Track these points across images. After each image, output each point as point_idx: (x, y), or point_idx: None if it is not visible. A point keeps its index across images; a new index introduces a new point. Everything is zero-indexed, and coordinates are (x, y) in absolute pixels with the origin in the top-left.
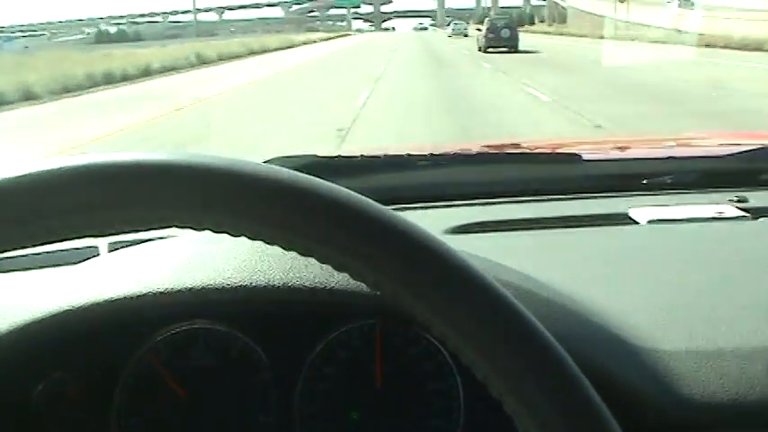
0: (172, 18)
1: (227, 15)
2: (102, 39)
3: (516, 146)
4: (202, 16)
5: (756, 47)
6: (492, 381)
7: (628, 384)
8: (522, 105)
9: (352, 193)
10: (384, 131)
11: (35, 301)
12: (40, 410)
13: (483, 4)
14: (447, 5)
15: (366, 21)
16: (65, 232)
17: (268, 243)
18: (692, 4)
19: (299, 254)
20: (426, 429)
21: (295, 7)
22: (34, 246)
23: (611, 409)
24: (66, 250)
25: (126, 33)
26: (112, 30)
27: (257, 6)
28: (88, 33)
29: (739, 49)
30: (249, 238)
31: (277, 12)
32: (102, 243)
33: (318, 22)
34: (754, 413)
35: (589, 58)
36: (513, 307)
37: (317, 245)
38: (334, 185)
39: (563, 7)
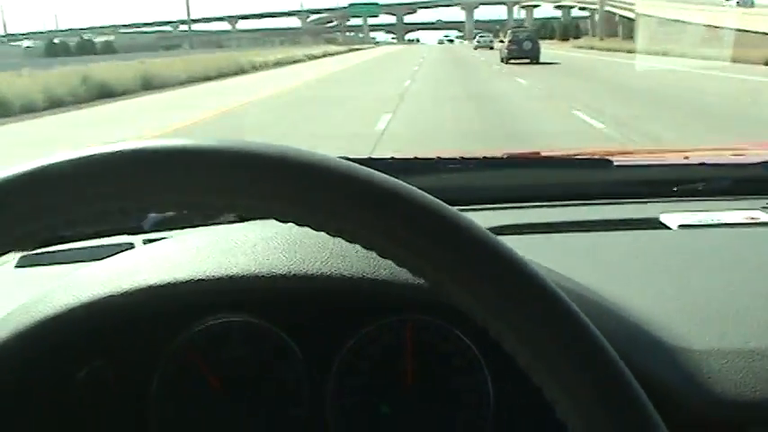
0: (183, 27)
1: (242, 25)
2: (55, 51)
3: (540, 153)
4: (215, 26)
5: None
6: (535, 370)
7: (660, 382)
8: None
9: (410, 187)
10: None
11: (77, 290)
12: (81, 397)
13: (515, 16)
14: (476, 17)
15: (388, 32)
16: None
17: (322, 231)
18: None
19: (356, 243)
20: (456, 424)
21: (313, 17)
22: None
23: None
24: (104, 246)
25: (89, 45)
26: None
27: (272, 16)
28: (28, 47)
29: None
30: (310, 226)
31: (294, 22)
32: (137, 239)
33: (338, 33)
34: None
35: None
36: (565, 304)
37: (385, 240)
38: (399, 181)
39: (624, 17)
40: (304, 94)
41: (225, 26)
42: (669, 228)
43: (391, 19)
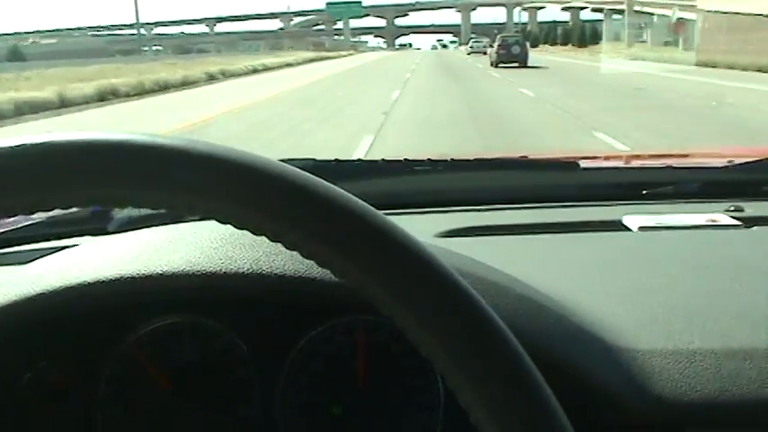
0: (159, 30)
1: (222, 27)
2: None
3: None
4: (193, 28)
5: None
6: (438, 364)
7: (600, 382)
8: None
9: (327, 183)
10: None
11: (18, 288)
12: (27, 400)
13: (516, 19)
14: (474, 20)
15: (378, 36)
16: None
17: (234, 225)
18: None
19: (268, 238)
20: (407, 425)
21: (297, 19)
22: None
23: (583, 406)
24: (64, 248)
25: None
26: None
27: (253, 18)
28: None
29: None
30: (216, 219)
31: (278, 24)
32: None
33: (324, 37)
34: (726, 413)
35: None
36: (463, 290)
37: (285, 228)
38: (310, 176)
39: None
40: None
41: (203, 29)
42: (630, 230)
43: (381, 22)
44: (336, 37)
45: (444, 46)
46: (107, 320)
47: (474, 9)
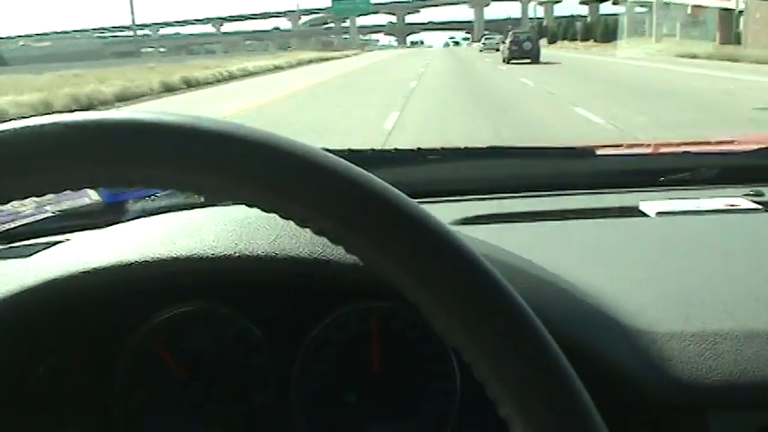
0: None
1: (229, 27)
2: None
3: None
4: (197, 28)
5: None
6: (466, 352)
7: (620, 365)
8: None
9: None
10: None
11: (30, 277)
12: (42, 392)
13: (531, 13)
14: (487, 15)
15: (388, 34)
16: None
17: (260, 208)
18: None
19: (287, 218)
20: (423, 411)
21: (306, 18)
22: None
23: (603, 389)
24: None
25: None
26: None
27: (260, 17)
28: None
29: None
30: (233, 199)
31: (286, 23)
32: None
33: (333, 36)
34: (746, 395)
35: None
36: (491, 277)
37: (304, 208)
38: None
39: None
40: None
41: (209, 29)
42: (648, 215)
43: (391, 19)
44: (345, 36)
45: (456, 43)
46: (121, 310)
47: (487, 5)
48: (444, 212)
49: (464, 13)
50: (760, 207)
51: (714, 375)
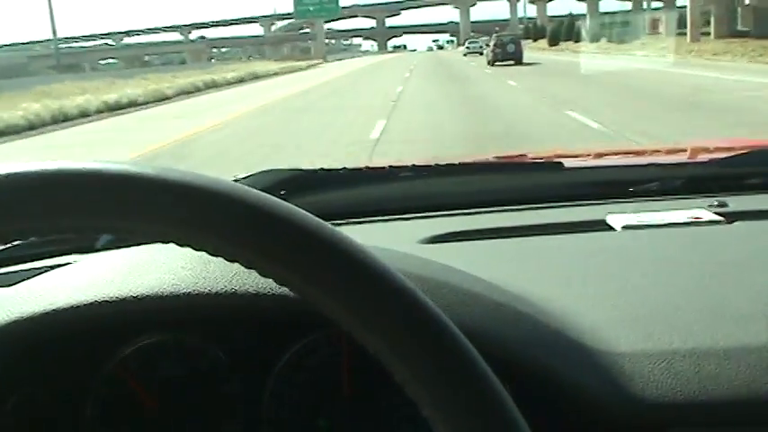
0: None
1: (198, 34)
2: None
3: (501, 158)
4: (167, 36)
5: None
6: (394, 370)
7: (581, 386)
8: None
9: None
10: None
11: (2, 313)
12: (13, 425)
13: (521, 13)
14: (473, 16)
15: (368, 39)
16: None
17: (177, 244)
18: None
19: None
20: None
21: (280, 23)
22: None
23: (564, 410)
24: (52, 267)
25: None
26: None
27: (230, 23)
28: None
29: None
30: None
31: (256, 29)
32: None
33: (310, 42)
34: (708, 412)
35: None
36: (421, 304)
37: (233, 248)
38: (247, 188)
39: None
40: None
41: (176, 36)
42: (614, 229)
43: (371, 23)
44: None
45: (440, 47)
46: (91, 342)
47: (473, 4)
48: (414, 230)
49: (449, 14)
50: (722, 219)
51: (675, 394)
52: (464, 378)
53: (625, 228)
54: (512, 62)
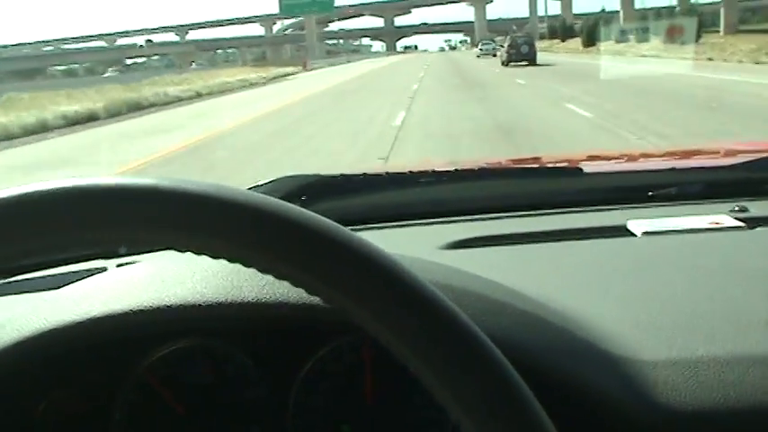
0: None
1: (195, 35)
2: None
3: (519, 162)
4: (164, 37)
5: None
6: (429, 384)
7: (604, 394)
8: None
9: (294, 207)
10: None
11: (32, 318)
12: (43, 429)
13: (540, 11)
14: (490, 14)
15: (375, 39)
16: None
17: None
18: None
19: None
20: None
21: (282, 23)
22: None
23: (587, 418)
24: (76, 272)
25: None
26: None
27: (228, 23)
28: None
29: None
30: (196, 252)
31: (257, 29)
32: (111, 264)
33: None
34: (731, 421)
35: None
36: (451, 312)
37: (258, 255)
38: (287, 204)
39: None
40: None
41: (172, 37)
42: (635, 235)
43: (378, 22)
44: (330, 41)
45: (453, 47)
46: (121, 348)
47: (490, 1)
48: (435, 236)
49: (463, 12)
50: (743, 225)
51: (699, 402)
52: (494, 384)
53: (645, 234)
54: (525, 62)
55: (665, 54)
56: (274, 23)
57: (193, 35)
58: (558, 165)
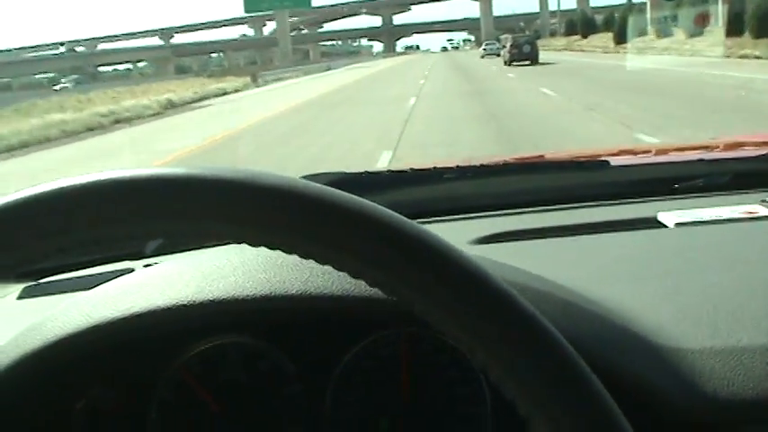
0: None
1: (181, 39)
2: None
3: (542, 157)
4: (146, 41)
5: None
6: (503, 383)
7: (650, 384)
8: None
9: (369, 202)
10: None
11: (71, 317)
12: (80, 426)
13: (552, 6)
14: (497, 11)
15: (373, 39)
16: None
17: (286, 252)
18: None
19: (318, 262)
20: None
21: (272, 24)
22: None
23: (634, 408)
24: (104, 273)
25: None
26: None
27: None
28: None
29: None
30: (267, 246)
31: (245, 30)
32: (138, 265)
33: (311, 45)
34: None
35: None
36: (522, 307)
37: (336, 253)
38: (353, 196)
39: None
40: None
41: (155, 41)
42: (666, 226)
43: (376, 21)
44: (327, 43)
45: (455, 47)
46: (157, 345)
47: None
48: (462, 232)
49: (467, 8)
50: None
51: (746, 391)
52: (566, 377)
53: (678, 225)
54: (527, 62)
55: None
56: (264, 25)
57: (181, 39)
58: (583, 158)
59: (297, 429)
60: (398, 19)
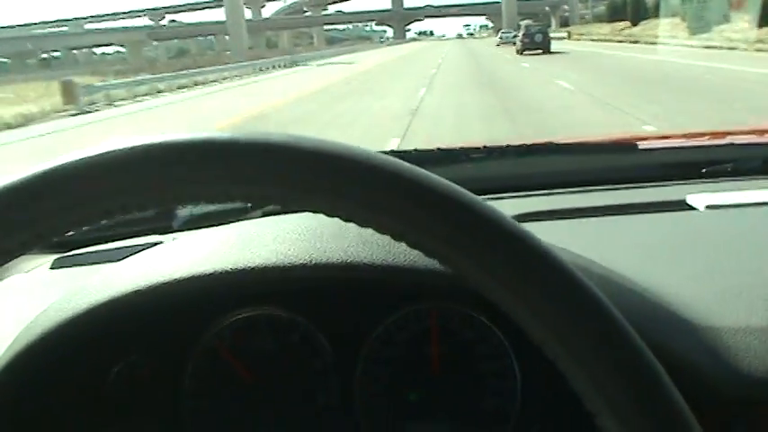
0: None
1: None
2: None
3: (570, 139)
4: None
5: None
6: (560, 358)
7: (687, 361)
8: None
9: (435, 176)
10: None
11: (109, 285)
12: (116, 392)
13: None
14: None
15: (381, 23)
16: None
17: (345, 220)
18: None
19: (381, 232)
20: (483, 409)
21: (274, 5)
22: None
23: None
24: (134, 246)
25: None
26: None
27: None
28: None
29: None
30: (326, 214)
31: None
32: (167, 239)
33: (315, 29)
34: None
35: None
36: (591, 292)
37: (411, 228)
38: (419, 169)
39: None
40: None
41: (146, 21)
42: (696, 209)
43: (385, 3)
44: (331, 27)
45: (471, 34)
46: (190, 315)
47: None
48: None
49: None
50: None
51: None
52: (637, 372)
53: (709, 207)
54: (540, 51)
55: None
56: (263, 6)
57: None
58: (611, 141)
59: (327, 400)
60: (409, 1)
